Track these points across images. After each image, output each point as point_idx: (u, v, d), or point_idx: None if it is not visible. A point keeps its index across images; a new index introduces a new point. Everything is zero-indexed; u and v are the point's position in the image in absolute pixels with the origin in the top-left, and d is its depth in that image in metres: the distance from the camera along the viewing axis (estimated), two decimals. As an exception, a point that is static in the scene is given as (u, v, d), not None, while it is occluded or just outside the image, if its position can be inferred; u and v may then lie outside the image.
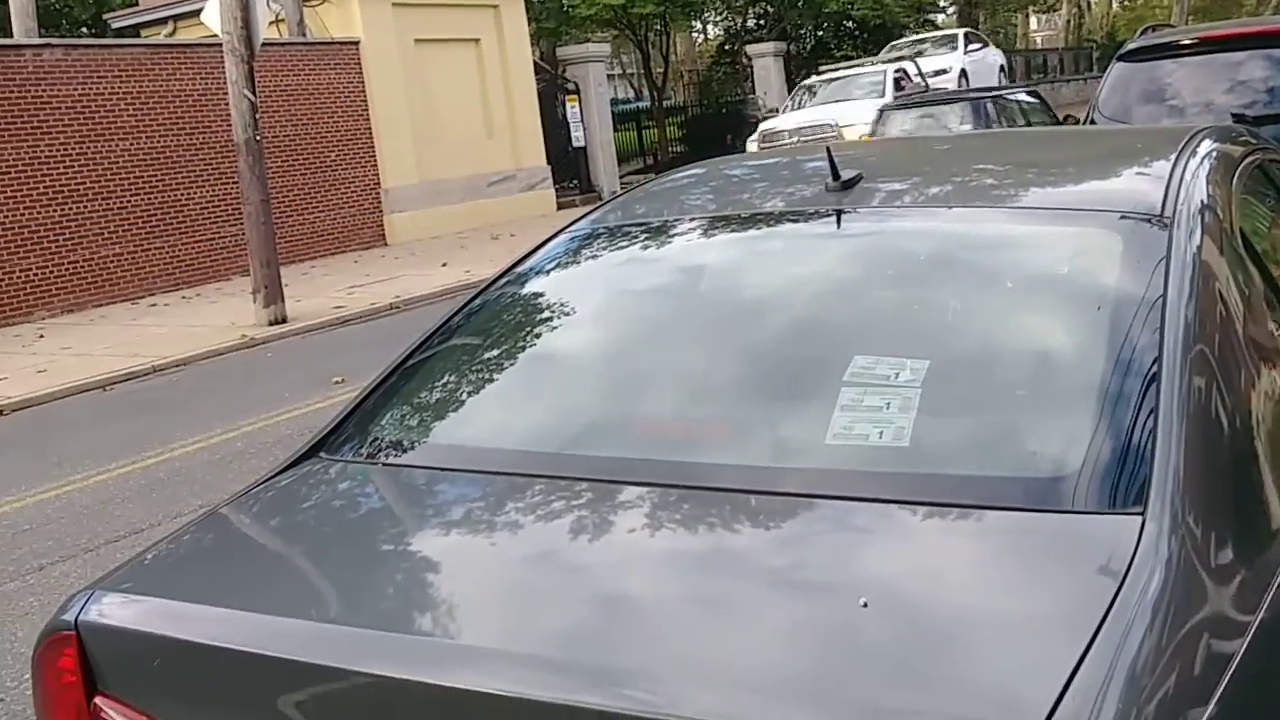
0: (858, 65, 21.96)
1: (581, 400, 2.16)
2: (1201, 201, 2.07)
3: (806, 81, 22.04)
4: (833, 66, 22.45)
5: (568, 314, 2.43)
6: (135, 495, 6.56)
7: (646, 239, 2.52)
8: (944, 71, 21.99)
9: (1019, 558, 1.49)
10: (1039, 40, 57.53)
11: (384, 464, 2.08)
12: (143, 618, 1.67)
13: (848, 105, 18.82)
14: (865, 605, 1.37)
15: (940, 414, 1.75)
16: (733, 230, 2.44)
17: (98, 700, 1.65)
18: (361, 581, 1.70)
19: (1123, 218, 2.03)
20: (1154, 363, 1.66)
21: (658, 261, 2.46)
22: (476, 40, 20.55)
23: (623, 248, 2.54)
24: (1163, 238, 1.92)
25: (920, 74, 20.28)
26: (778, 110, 23.16)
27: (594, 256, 2.55)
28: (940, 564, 1.50)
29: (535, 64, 22.53)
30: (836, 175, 2.29)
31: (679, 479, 1.75)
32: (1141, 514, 1.45)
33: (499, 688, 1.35)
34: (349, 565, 1.76)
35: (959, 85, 21.44)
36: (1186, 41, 7.75)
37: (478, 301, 2.49)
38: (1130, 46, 8.05)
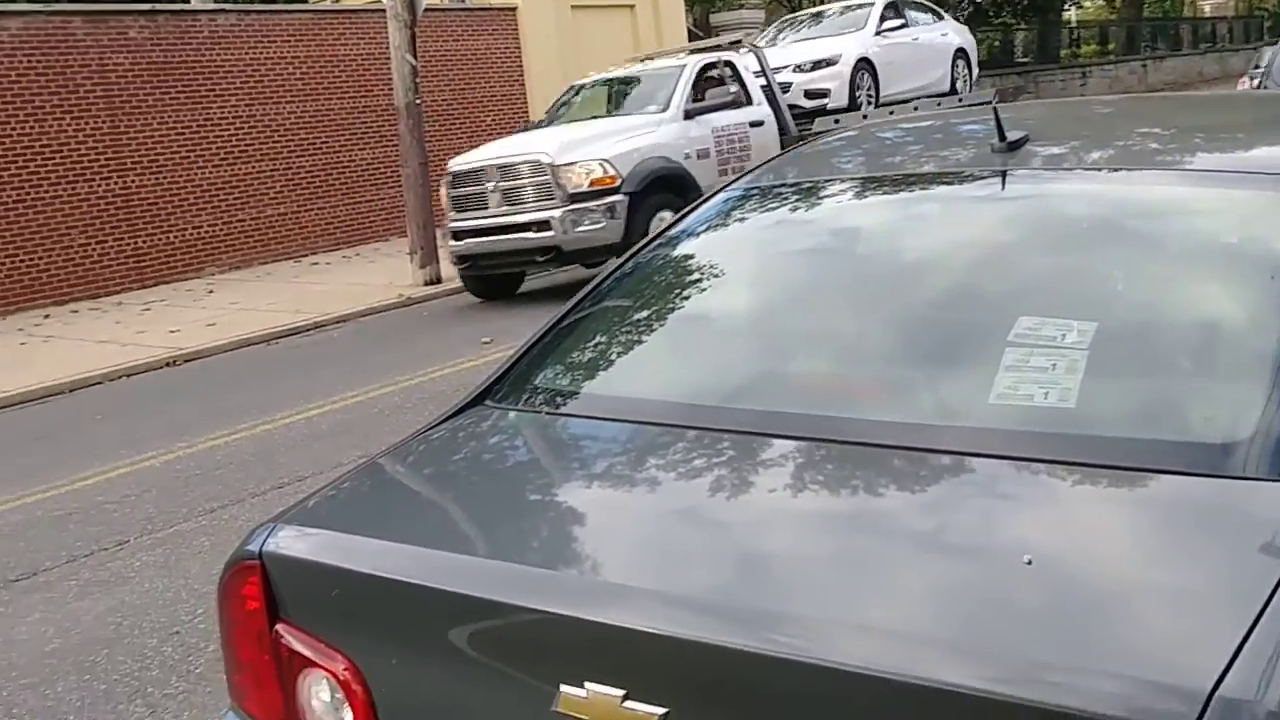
0: (665, 56, 13.64)
1: (737, 356, 2.17)
2: None
3: (581, 80, 13.42)
4: (639, 57, 14.28)
5: (722, 274, 2.44)
6: (298, 444, 6.83)
7: (807, 200, 2.51)
8: (827, 63, 14.24)
9: (1186, 523, 1.46)
10: (1207, 9, 54.98)
11: (545, 413, 2.14)
12: (321, 550, 1.76)
13: (598, 126, 11.59)
14: (1030, 563, 1.36)
15: (1108, 377, 1.72)
16: (896, 191, 2.42)
17: (278, 627, 1.75)
18: (522, 521, 1.77)
19: None
20: None
21: (816, 222, 2.45)
22: (631, 6, 20.58)
23: (779, 209, 2.53)
24: None
25: (763, 70, 12.83)
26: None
27: (748, 218, 2.55)
28: (1104, 526, 1.48)
29: (688, 30, 22.45)
30: (1003, 136, 2.26)
31: (837, 434, 1.75)
32: None
33: (651, 626, 1.38)
34: (511, 505, 1.83)
35: (852, 83, 14.26)
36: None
37: (630, 264, 2.52)
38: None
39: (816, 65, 14.29)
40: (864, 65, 14.57)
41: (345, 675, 1.67)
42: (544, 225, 10.70)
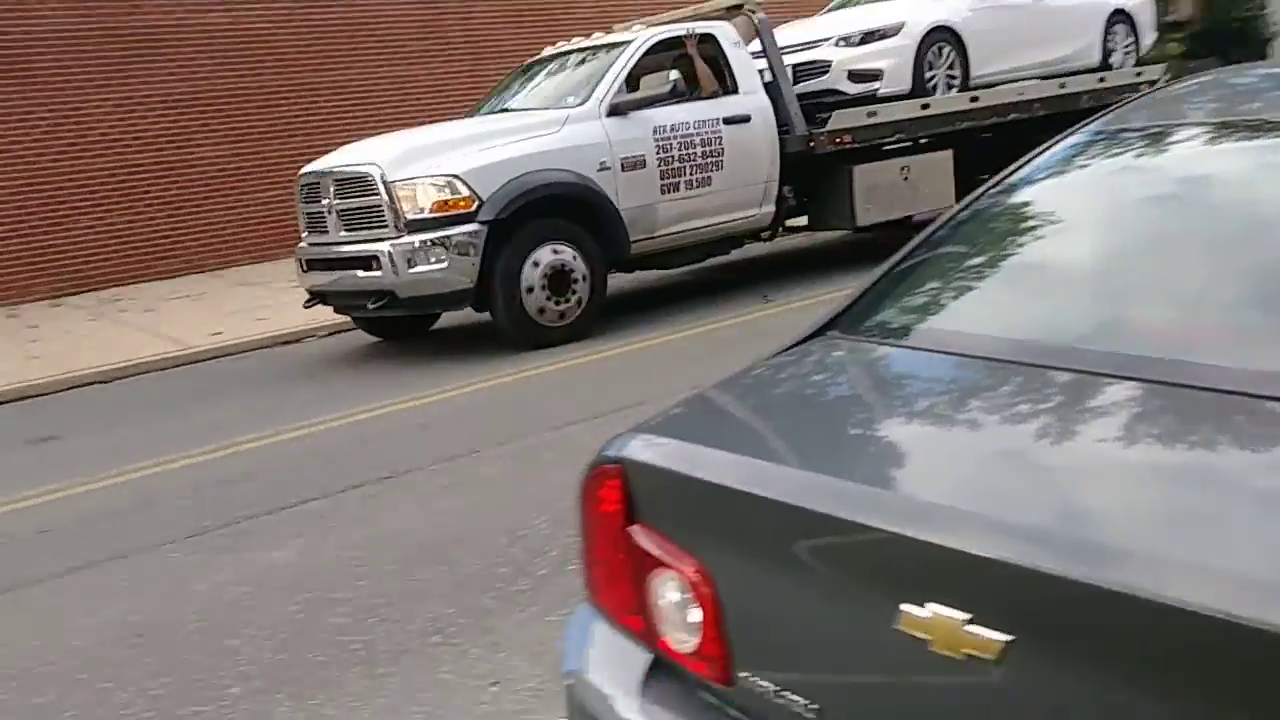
0: (618, 32, 10.36)
1: (1077, 300, 2.16)
2: None
3: (535, 58, 10.35)
4: (628, 24, 10.92)
5: (1063, 220, 2.41)
6: (636, 371, 7.28)
7: (1157, 145, 2.42)
8: (881, 35, 10.08)
9: None
10: None
11: (884, 344, 2.21)
12: (676, 458, 1.89)
13: (469, 126, 8.77)
14: None
15: None
16: (1259, 137, 2.32)
17: (633, 528, 1.92)
18: (862, 443, 1.85)
19: None
20: None
21: (1169, 168, 2.37)
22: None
23: (1125, 155, 2.46)
24: None
25: (765, 50, 9.60)
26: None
27: (1092, 164, 2.49)
28: None
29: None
30: None
31: (1183, 378, 1.72)
32: None
33: (996, 553, 1.41)
34: (850, 428, 1.91)
35: (919, 61, 10.10)
36: None
37: (967, 212, 2.51)
38: None
39: (867, 38, 10.10)
40: (942, 35, 10.24)
41: (695, 578, 1.79)
42: (374, 261, 8.01)
